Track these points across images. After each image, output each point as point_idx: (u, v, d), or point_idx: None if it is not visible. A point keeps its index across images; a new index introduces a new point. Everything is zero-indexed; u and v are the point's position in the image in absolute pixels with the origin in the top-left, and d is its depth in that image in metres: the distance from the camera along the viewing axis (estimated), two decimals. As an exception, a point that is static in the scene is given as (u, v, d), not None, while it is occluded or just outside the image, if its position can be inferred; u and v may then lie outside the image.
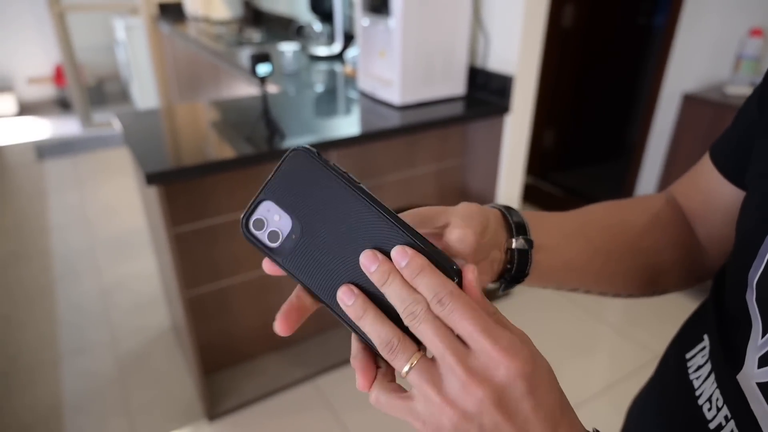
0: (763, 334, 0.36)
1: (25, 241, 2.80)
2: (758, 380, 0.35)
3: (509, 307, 2.31)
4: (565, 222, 0.49)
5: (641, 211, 0.52)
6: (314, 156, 0.34)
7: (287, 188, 0.34)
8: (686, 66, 2.44)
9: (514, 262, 0.42)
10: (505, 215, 0.44)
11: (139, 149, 1.46)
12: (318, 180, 0.33)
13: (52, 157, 3.87)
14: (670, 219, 0.51)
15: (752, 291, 0.37)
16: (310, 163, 0.33)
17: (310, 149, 0.34)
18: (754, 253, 0.37)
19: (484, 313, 0.30)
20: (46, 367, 1.98)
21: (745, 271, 0.38)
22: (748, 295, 0.37)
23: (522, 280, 0.44)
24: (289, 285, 0.36)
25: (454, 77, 1.91)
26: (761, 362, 0.36)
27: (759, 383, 0.35)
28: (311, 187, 0.34)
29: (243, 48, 2.83)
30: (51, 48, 4.69)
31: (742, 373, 0.37)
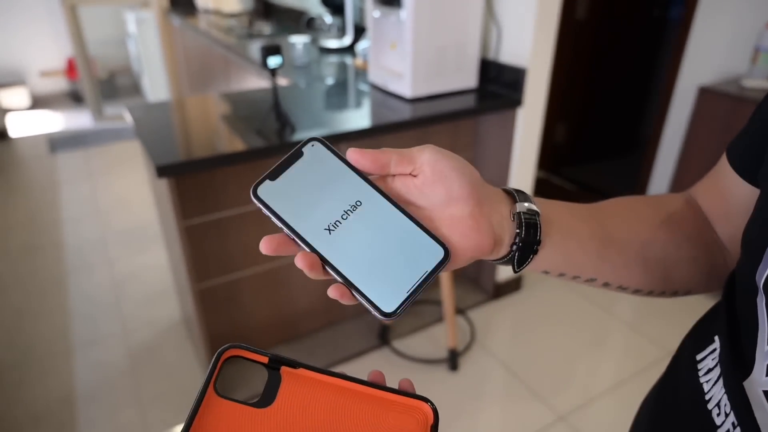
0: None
1: (37, 234, 2.82)
2: (765, 388, 0.35)
3: (519, 303, 2.29)
4: (576, 207, 0.48)
5: (658, 205, 0.51)
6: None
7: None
8: (702, 59, 2.40)
9: (522, 228, 0.40)
10: (505, 189, 0.43)
11: (150, 142, 1.46)
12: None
13: (65, 150, 3.89)
14: (688, 216, 0.50)
15: (762, 295, 0.36)
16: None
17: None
18: (761, 256, 0.36)
19: None
20: (59, 359, 2.00)
21: (753, 275, 0.37)
22: (758, 299, 0.36)
23: (536, 251, 0.41)
24: (298, 278, 0.35)
25: (466, 69, 1.89)
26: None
27: (765, 391, 0.35)
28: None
29: (253, 40, 2.83)
30: (63, 41, 4.72)
31: (750, 380, 0.36)
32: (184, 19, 3.61)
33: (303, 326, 2.05)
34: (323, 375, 0.33)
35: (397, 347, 2.03)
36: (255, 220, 1.74)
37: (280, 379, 0.33)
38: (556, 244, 0.43)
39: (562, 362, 1.99)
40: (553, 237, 0.42)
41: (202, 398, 0.30)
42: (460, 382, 1.90)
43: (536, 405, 1.81)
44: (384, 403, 0.33)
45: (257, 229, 1.77)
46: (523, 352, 2.03)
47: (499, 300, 2.31)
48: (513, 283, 2.33)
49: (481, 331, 2.13)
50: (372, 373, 0.33)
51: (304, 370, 0.33)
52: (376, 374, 0.33)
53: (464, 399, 1.83)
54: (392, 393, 0.33)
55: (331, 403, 0.32)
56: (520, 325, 2.19)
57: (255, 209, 1.58)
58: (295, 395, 0.32)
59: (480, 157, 2.15)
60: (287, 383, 0.32)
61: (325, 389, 0.33)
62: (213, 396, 0.30)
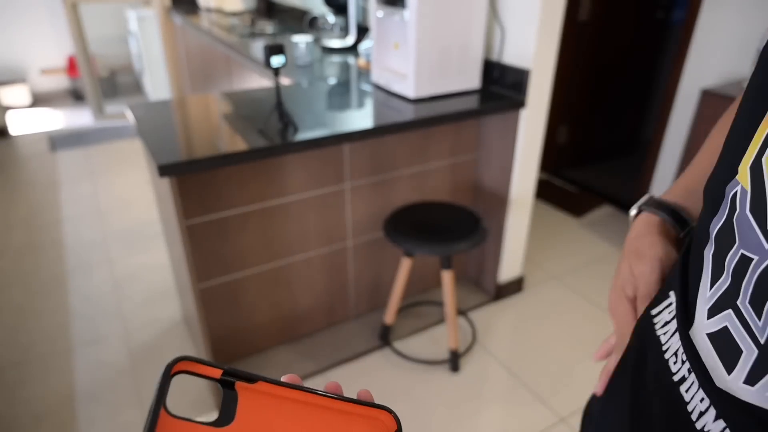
0: (711, 286, 0.37)
1: (38, 232, 2.82)
2: (707, 331, 0.37)
3: (521, 304, 2.29)
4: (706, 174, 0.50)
5: None
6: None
7: None
8: (705, 61, 2.40)
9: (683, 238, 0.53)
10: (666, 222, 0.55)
11: (152, 141, 1.45)
12: None
13: (65, 148, 3.88)
14: None
15: (711, 245, 0.38)
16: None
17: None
18: (717, 207, 0.38)
19: None
20: (59, 358, 1.99)
21: (708, 225, 0.39)
22: (706, 249, 0.39)
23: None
24: (299, 279, 0.35)
25: (470, 70, 1.88)
26: (710, 313, 0.37)
27: (708, 334, 0.37)
28: None
29: (256, 40, 2.82)
30: (64, 39, 4.71)
31: (694, 326, 0.38)
32: (185, 18, 3.60)
33: (304, 327, 2.05)
34: (282, 388, 0.32)
35: (398, 348, 2.03)
36: (256, 220, 1.74)
37: (236, 396, 0.31)
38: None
39: (563, 364, 1.99)
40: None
41: (154, 421, 0.27)
42: (462, 383, 1.89)
43: (537, 406, 1.81)
44: (346, 415, 0.32)
45: (259, 229, 1.76)
46: (525, 354, 2.03)
47: (500, 301, 2.30)
48: (514, 284, 2.32)
49: (483, 332, 2.13)
50: (329, 385, 0.33)
51: (262, 383, 0.31)
52: (334, 386, 0.34)
53: (465, 400, 1.83)
54: (353, 403, 0.33)
55: (294, 419, 0.31)
56: (522, 326, 2.18)
57: (257, 208, 1.57)
58: (254, 411, 0.30)
59: (482, 159, 2.14)
60: (245, 400, 0.31)
61: (285, 403, 0.31)
62: (166, 417, 0.28)
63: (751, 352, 0.33)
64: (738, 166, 0.36)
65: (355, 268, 2.06)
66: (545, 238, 2.75)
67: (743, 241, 0.34)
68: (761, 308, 0.32)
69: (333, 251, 1.97)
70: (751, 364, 0.33)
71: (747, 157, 0.35)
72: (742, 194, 0.35)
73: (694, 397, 0.37)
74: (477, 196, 2.23)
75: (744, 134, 0.36)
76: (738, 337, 0.34)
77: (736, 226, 0.36)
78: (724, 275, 0.36)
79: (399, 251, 2.13)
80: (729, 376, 0.35)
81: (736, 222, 0.36)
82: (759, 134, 0.35)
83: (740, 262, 0.34)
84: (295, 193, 1.78)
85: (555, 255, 2.62)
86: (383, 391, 1.84)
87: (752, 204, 0.34)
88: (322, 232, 1.91)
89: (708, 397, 0.36)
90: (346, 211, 1.93)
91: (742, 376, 0.34)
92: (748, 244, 0.34)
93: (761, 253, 0.33)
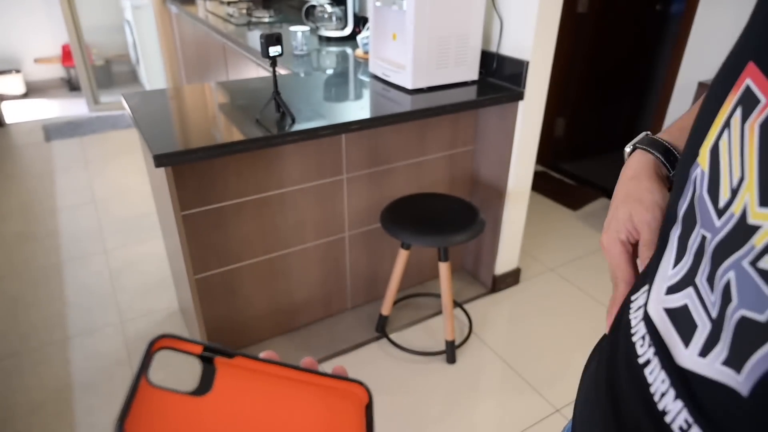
0: (674, 265, 0.39)
1: (33, 222, 2.80)
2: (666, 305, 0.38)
3: (517, 296, 2.30)
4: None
5: None
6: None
7: None
8: (703, 54, 2.39)
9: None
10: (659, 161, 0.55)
11: (148, 131, 1.44)
12: None
13: (60, 137, 3.86)
14: None
15: (678, 226, 0.39)
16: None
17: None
18: (683, 189, 0.39)
19: None
20: (55, 348, 1.99)
21: (676, 206, 0.40)
22: (673, 229, 0.40)
23: None
24: (296, 269, 0.35)
25: (468, 62, 1.87)
26: (669, 290, 0.38)
27: (666, 309, 0.38)
28: None
29: (252, 29, 2.80)
30: (58, 28, 4.66)
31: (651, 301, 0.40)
32: (181, 6, 3.57)
33: (301, 318, 2.05)
34: (259, 363, 0.33)
35: (395, 339, 2.03)
36: (253, 210, 1.73)
37: (215, 369, 0.32)
38: None
39: (559, 355, 2.00)
40: None
41: (135, 389, 0.29)
42: (458, 374, 1.90)
43: (533, 397, 1.82)
44: (321, 388, 0.34)
45: (255, 220, 1.76)
46: (521, 345, 2.04)
47: (497, 293, 2.31)
48: (511, 276, 2.33)
49: (479, 323, 2.13)
50: (305, 361, 0.34)
51: (240, 358, 0.33)
52: (309, 361, 0.34)
53: (462, 391, 1.83)
54: (328, 378, 0.34)
55: (270, 391, 0.32)
56: (518, 318, 2.19)
57: (253, 198, 1.56)
58: (232, 384, 0.32)
59: (480, 150, 2.14)
60: (223, 373, 0.32)
61: (262, 377, 0.33)
62: (146, 387, 0.29)
63: (705, 326, 0.34)
64: (699, 149, 0.38)
65: (352, 259, 2.06)
66: (542, 230, 2.75)
67: (702, 221, 0.36)
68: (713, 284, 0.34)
69: (330, 242, 1.97)
70: (704, 338, 0.34)
71: (707, 141, 0.37)
72: (701, 176, 0.37)
73: (656, 378, 0.38)
74: (474, 188, 2.23)
75: (707, 119, 0.38)
76: (695, 313, 0.36)
77: (696, 207, 0.37)
78: (685, 256, 0.37)
79: (396, 243, 2.13)
80: (686, 350, 0.36)
81: (696, 203, 0.37)
82: (719, 119, 0.36)
83: (700, 242, 0.36)
84: (292, 183, 1.77)
85: (551, 247, 2.63)
86: (380, 383, 1.85)
87: (709, 185, 0.35)
88: (320, 223, 1.91)
89: (668, 377, 0.37)
90: (343, 202, 1.92)
91: (696, 349, 0.35)
92: (705, 223, 0.35)
93: (713, 231, 0.34)
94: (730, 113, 0.35)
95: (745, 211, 0.32)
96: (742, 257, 0.31)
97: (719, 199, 0.34)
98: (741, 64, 0.35)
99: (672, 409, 0.37)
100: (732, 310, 0.32)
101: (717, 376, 0.33)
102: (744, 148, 0.33)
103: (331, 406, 0.33)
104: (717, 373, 0.33)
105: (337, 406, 0.33)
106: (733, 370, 0.31)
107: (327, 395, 0.34)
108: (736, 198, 0.33)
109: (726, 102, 0.36)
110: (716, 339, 0.33)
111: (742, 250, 0.31)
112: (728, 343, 0.32)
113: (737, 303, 0.31)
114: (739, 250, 0.31)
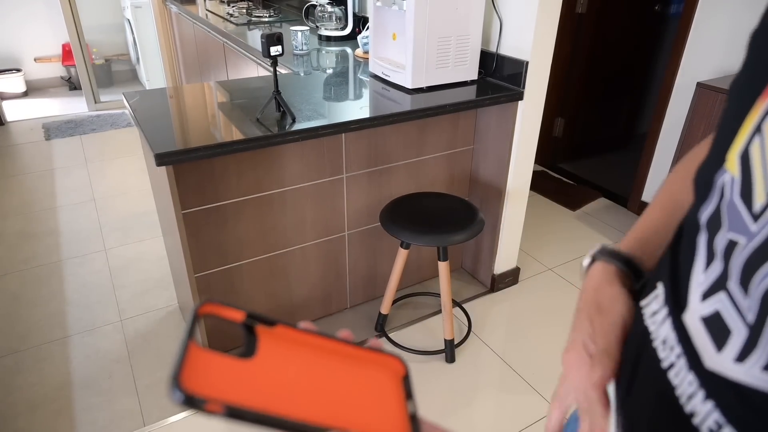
0: (705, 269, 0.38)
1: (33, 221, 2.81)
2: (701, 314, 0.38)
3: (516, 295, 2.30)
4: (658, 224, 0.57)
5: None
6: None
7: None
8: (702, 55, 2.40)
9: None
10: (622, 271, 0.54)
11: (149, 129, 1.45)
12: None
13: (60, 136, 3.86)
14: None
15: (702, 232, 0.39)
16: None
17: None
18: (707, 195, 0.39)
19: None
20: (55, 346, 2.00)
21: (697, 214, 0.41)
22: (699, 237, 0.40)
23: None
24: (296, 268, 0.36)
25: (468, 61, 1.88)
26: (703, 297, 0.38)
27: (702, 317, 0.38)
28: None
29: (252, 28, 2.80)
30: (59, 27, 4.66)
31: (689, 311, 0.39)
32: (181, 6, 3.57)
33: (300, 316, 2.06)
34: (299, 332, 0.34)
35: (394, 338, 2.04)
36: (253, 209, 1.74)
37: (257, 337, 0.33)
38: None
39: (557, 354, 2.00)
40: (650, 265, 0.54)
41: (185, 350, 0.30)
42: (457, 373, 1.91)
43: (532, 396, 1.82)
44: (359, 360, 0.35)
45: (255, 218, 1.76)
46: (520, 344, 2.05)
47: (496, 292, 2.31)
48: (510, 275, 2.34)
49: (478, 323, 2.14)
50: (342, 333, 0.35)
51: (281, 327, 0.34)
52: (347, 334, 0.35)
53: (461, 390, 1.84)
54: (365, 350, 0.35)
55: (311, 359, 0.33)
56: (517, 317, 2.20)
57: (253, 198, 1.57)
58: (274, 351, 0.33)
59: (479, 150, 2.14)
60: (265, 341, 0.33)
61: (302, 346, 0.34)
62: (195, 348, 0.30)
63: (740, 332, 0.34)
64: (726, 155, 0.38)
65: (351, 258, 2.07)
66: (541, 230, 2.76)
67: (731, 225, 0.36)
68: (748, 288, 0.34)
69: (330, 241, 1.97)
70: (741, 343, 0.34)
71: (735, 147, 0.37)
72: (731, 182, 0.37)
73: (683, 381, 0.38)
74: (473, 188, 2.24)
75: (732, 125, 0.38)
76: (729, 318, 0.35)
77: (724, 212, 0.37)
78: (715, 260, 0.38)
79: (395, 242, 2.14)
80: (719, 355, 0.36)
81: (724, 208, 0.37)
82: (746, 124, 0.36)
83: (728, 246, 0.36)
84: (292, 183, 1.78)
85: (550, 247, 2.64)
86: (379, 381, 1.85)
87: (742, 190, 0.35)
88: (319, 222, 1.91)
89: (697, 378, 0.37)
90: (343, 201, 1.93)
91: (732, 354, 0.35)
92: (736, 227, 0.35)
93: (748, 235, 0.34)
94: (761, 118, 0.35)
95: None
96: None
97: (754, 203, 0.34)
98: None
99: (701, 410, 0.37)
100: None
101: (755, 382, 0.33)
102: None
103: (370, 376, 0.34)
104: (755, 379, 0.33)
105: (375, 377, 0.34)
106: None
107: (365, 367, 0.35)
108: None
109: (755, 108, 0.36)
110: (754, 344, 0.33)
111: None
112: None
113: None
114: None
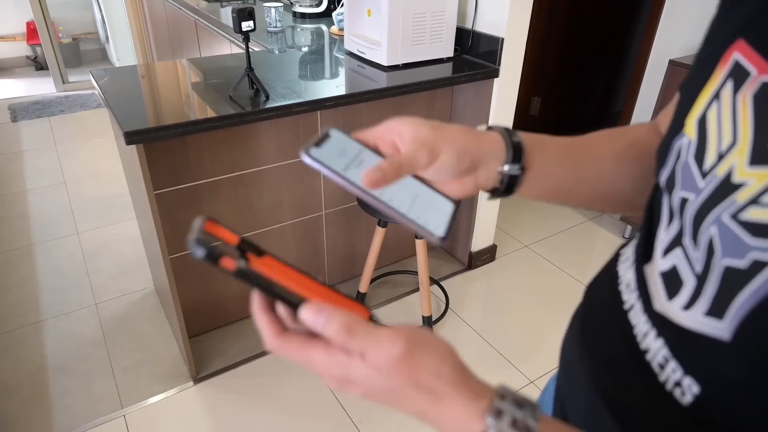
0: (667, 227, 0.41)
1: (3, 204, 2.73)
2: (660, 269, 0.41)
3: (493, 273, 2.33)
4: (562, 148, 0.55)
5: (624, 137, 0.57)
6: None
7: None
8: (674, 34, 2.42)
9: (504, 183, 0.49)
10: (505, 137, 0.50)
11: (119, 108, 1.41)
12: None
13: (27, 118, 3.75)
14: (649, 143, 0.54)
15: (665, 193, 0.42)
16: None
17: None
18: (665, 160, 0.42)
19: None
20: (30, 330, 1.96)
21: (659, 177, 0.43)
22: (663, 197, 0.43)
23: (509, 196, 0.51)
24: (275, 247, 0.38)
25: (443, 38, 1.87)
26: (664, 253, 0.41)
27: (661, 271, 0.41)
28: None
29: (225, 5, 2.74)
30: (23, 4, 4.49)
31: (651, 264, 0.43)
32: (151, -18, 3.47)
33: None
34: (285, 266, 0.38)
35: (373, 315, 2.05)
36: (228, 189, 1.72)
37: (248, 262, 0.36)
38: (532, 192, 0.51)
39: (534, 329, 2.04)
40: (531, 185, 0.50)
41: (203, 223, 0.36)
42: (435, 349, 1.93)
43: (509, 370, 1.86)
44: (332, 299, 0.39)
45: (231, 199, 1.74)
46: (497, 320, 2.08)
47: (473, 270, 2.34)
48: (487, 253, 2.36)
49: (456, 300, 2.16)
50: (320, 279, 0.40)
51: (268, 258, 0.38)
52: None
53: (438, 366, 1.86)
54: (339, 294, 0.40)
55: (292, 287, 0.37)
56: (494, 293, 2.23)
57: (228, 177, 1.55)
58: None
59: (456, 128, 2.14)
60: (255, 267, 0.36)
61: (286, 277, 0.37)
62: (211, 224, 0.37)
63: (690, 282, 0.37)
64: (685, 120, 0.40)
65: (329, 237, 2.06)
66: (517, 208, 2.79)
67: (683, 184, 0.38)
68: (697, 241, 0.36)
69: (307, 221, 1.96)
70: (690, 293, 0.37)
71: (694, 112, 0.39)
72: (687, 145, 0.39)
73: (639, 321, 0.42)
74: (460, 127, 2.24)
75: (692, 93, 0.40)
76: (683, 271, 0.38)
77: (678, 173, 0.40)
78: (674, 218, 0.40)
79: (373, 220, 2.14)
80: (669, 302, 0.39)
81: (679, 169, 0.40)
82: (705, 92, 0.38)
83: (681, 203, 0.39)
84: (267, 162, 1.76)
85: (527, 225, 2.67)
86: (358, 358, 1.87)
87: (696, 152, 0.38)
88: (296, 201, 1.90)
89: (649, 319, 0.41)
90: (319, 180, 1.92)
91: (680, 303, 0.38)
92: (687, 185, 0.38)
93: (696, 191, 0.37)
94: (720, 86, 0.37)
95: (730, 171, 0.34)
96: (723, 211, 0.34)
97: (704, 163, 0.36)
98: (728, 40, 0.37)
99: (653, 347, 0.40)
100: (715, 261, 0.34)
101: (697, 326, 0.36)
102: (737, 116, 0.35)
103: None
104: (697, 323, 0.36)
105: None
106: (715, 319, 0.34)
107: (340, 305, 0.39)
108: (722, 161, 0.35)
109: (713, 76, 0.37)
110: (699, 292, 0.36)
111: (723, 205, 0.34)
112: (712, 294, 0.35)
113: (720, 254, 0.34)
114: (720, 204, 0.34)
